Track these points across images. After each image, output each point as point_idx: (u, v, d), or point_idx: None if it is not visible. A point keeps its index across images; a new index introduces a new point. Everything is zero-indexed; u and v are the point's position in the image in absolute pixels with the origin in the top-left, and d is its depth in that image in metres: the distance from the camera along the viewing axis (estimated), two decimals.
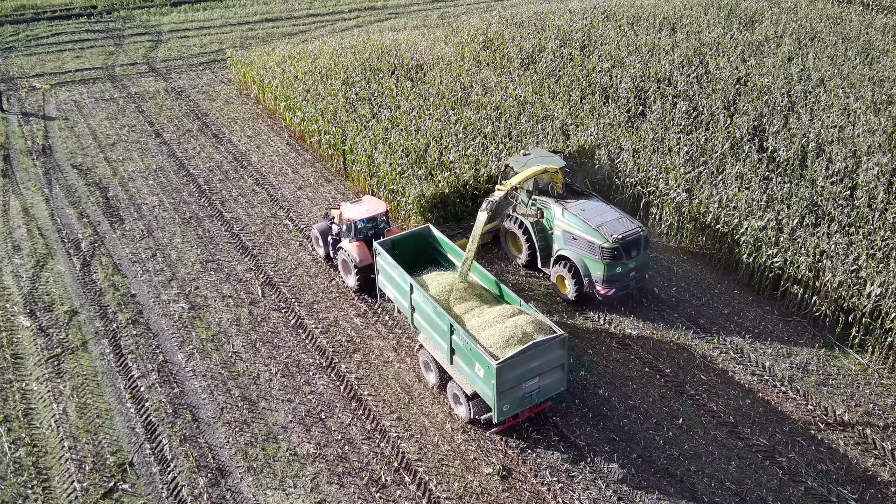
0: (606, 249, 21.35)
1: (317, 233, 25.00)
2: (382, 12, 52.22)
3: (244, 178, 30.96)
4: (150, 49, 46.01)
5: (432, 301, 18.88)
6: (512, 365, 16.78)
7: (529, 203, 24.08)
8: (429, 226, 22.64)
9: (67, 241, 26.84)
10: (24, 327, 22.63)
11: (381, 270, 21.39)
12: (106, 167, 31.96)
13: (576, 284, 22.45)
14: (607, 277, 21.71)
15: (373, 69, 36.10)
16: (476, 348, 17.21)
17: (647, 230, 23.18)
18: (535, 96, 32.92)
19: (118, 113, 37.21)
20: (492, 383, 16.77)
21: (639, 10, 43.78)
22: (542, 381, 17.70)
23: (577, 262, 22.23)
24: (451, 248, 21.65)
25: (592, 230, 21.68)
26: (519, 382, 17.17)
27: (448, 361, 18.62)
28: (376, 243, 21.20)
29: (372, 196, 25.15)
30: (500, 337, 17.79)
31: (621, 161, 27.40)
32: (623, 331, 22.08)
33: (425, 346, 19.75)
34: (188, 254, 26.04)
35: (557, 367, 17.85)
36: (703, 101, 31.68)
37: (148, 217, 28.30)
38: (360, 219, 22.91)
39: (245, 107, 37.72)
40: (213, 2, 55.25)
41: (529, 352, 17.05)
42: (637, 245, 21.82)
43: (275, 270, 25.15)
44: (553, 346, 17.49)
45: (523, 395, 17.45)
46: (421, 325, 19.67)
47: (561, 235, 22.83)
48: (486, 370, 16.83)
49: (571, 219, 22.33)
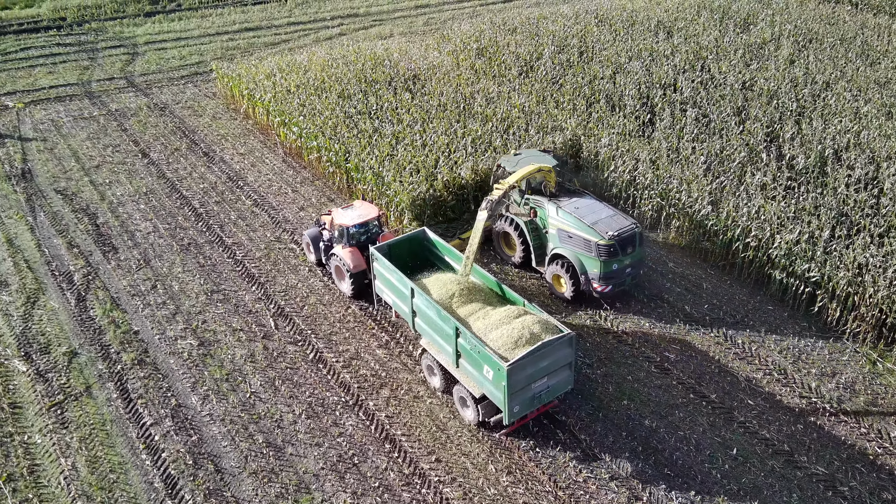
0: (603, 246, 21.38)
1: (308, 239, 24.54)
2: (366, 19, 50.87)
3: (242, 200, 29.44)
4: (127, 62, 44.06)
5: (435, 305, 18.68)
6: (522, 366, 16.74)
7: (522, 202, 23.95)
8: (424, 229, 22.30)
9: (58, 275, 25.12)
10: (20, 372, 20.94)
11: (378, 275, 21.13)
12: (92, 191, 30.18)
13: (572, 283, 22.50)
14: (604, 274, 21.80)
15: (368, 80, 34.80)
16: (485, 350, 17.10)
17: (641, 226, 23.37)
18: (540, 106, 31.92)
19: (100, 132, 35.35)
20: (503, 385, 16.69)
21: (631, 13, 43.11)
22: (551, 381, 17.74)
23: (574, 260, 22.26)
24: (448, 250, 21.48)
25: (588, 228, 21.71)
26: (529, 383, 17.18)
27: (454, 365, 18.54)
28: (373, 248, 20.91)
29: (363, 201, 24.54)
30: (509, 338, 17.66)
31: (639, 173, 26.50)
32: (661, 353, 21.17)
33: (428, 350, 19.56)
34: (191, 284, 24.52)
35: (565, 366, 17.90)
36: (711, 107, 31.00)
37: (143, 245, 26.66)
38: (352, 224, 22.60)
39: (234, 122, 36.13)
40: (188, 11, 53.34)
41: (539, 352, 17.03)
42: (632, 241, 21.92)
43: (286, 300, 23.76)
44: (561, 346, 17.51)
45: (533, 396, 17.46)
46: (423, 330, 19.54)
47: (556, 234, 22.80)
48: (497, 372, 16.76)
49: (566, 217, 22.33)
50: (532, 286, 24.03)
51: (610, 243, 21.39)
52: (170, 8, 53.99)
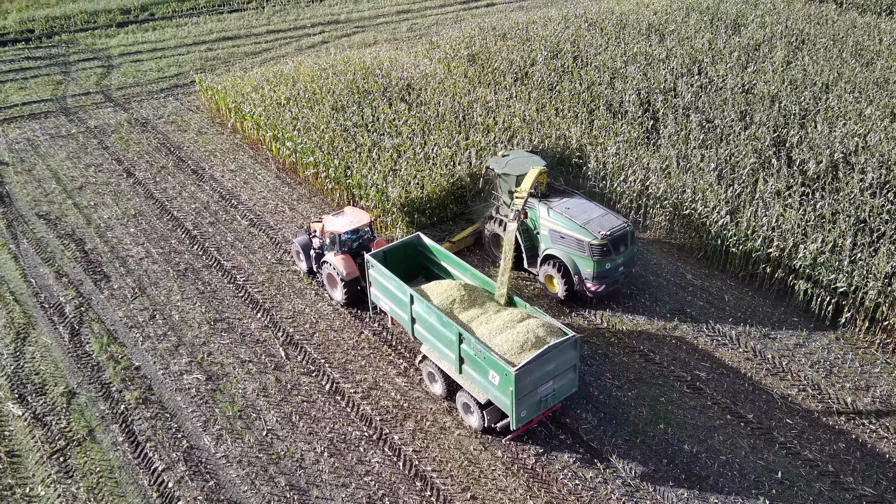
0: (596, 246, 21.39)
1: (298, 247, 24.17)
2: (347, 26, 49.70)
3: (237, 220, 28.18)
4: (102, 76, 42.34)
5: (437, 311, 18.49)
6: (529, 370, 16.62)
7: (512, 203, 23.11)
8: (419, 234, 22.06)
9: (48, 307, 23.67)
10: (15, 417, 19.55)
11: (374, 283, 20.89)
12: (77, 215, 28.66)
13: (565, 283, 22.47)
14: (597, 274, 21.81)
15: (360, 91, 33.72)
16: (491, 356, 16.94)
17: (632, 225, 23.44)
18: (540, 114, 31.15)
19: (80, 151, 33.75)
20: (510, 390, 16.59)
21: (620, 16, 42.60)
22: (556, 384, 17.61)
23: (566, 260, 22.23)
24: (444, 255, 21.30)
25: (580, 228, 21.67)
26: (535, 387, 17.06)
27: (457, 371, 18.36)
28: (368, 255, 20.69)
29: (354, 207, 24.16)
30: (514, 343, 17.51)
31: (651, 183, 25.85)
32: (692, 372, 20.49)
33: (429, 356, 19.29)
34: (192, 313, 23.25)
35: (570, 369, 17.81)
36: (714, 112, 30.52)
37: (137, 272, 25.30)
38: (344, 231, 22.26)
39: (221, 137, 34.77)
40: (161, 21, 51.63)
41: (545, 355, 16.89)
42: (624, 240, 21.98)
43: (294, 326, 22.63)
44: (566, 348, 17.41)
45: (539, 400, 17.34)
46: (423, 336, 19.36)
47: (548, 235, 22.73)
48: (504, 377, 16.66)
49: (558, 218, 22.28)
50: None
51: (603, 243, 21.38)
52: (142, 18, 52.22)
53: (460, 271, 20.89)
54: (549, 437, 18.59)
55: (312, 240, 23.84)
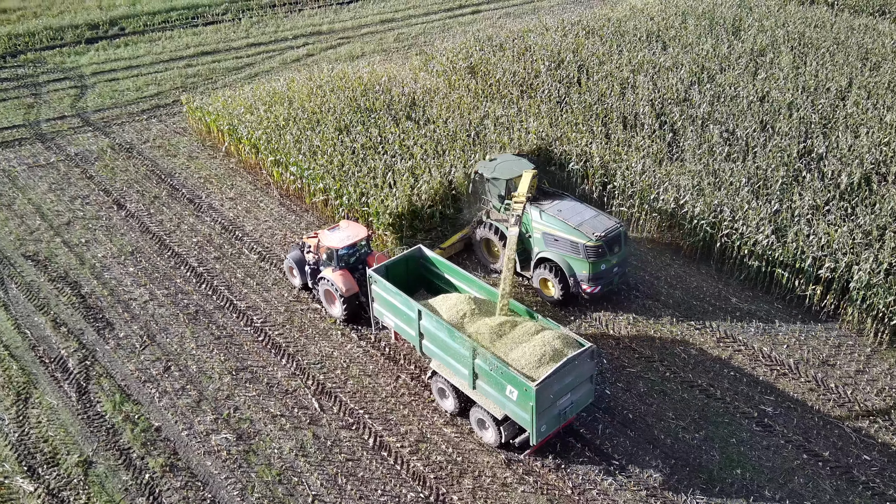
0: (591, 248, 21.38)
1: (291, 263, 23.63)
2: (331, 37, 47.84)
3: (245, 254, 26.31)
4: (77, 97, 39.83)
5: (448, 326, 18.11)
6: (549, 384, 16.33)
7: (502, 208, 23.72)
8: (420, 247, 21.73)
9: (49, 362, 21.57)
10: (27, 494, 17.52)
11: (377, 298, 20.48)
12: (68, 255, 26.47)
13: (561, 285, 22.41)
14: (593, 275, 21.79)
15: (362, 109, 32.04)
16: (509, 371, 16.63)
17: (625, 225, 23.68)
18: (554, 129, 29.88)
19: (62, 181, 31.42)
20: (530, 405, 16.29)
21: (617, 23, 41.62)
22: (574, 396, 17.38)
23: (561, 262, 22.19)
24: (447, 267, 20.96)
25: (574, 230, 21.68)
26: (555, 400, 16.78)
27: (470, 386, 18.01)
28: (370, 271, 20.26)
29: (349, 221, 23.46)
30: (532, 356, 17.17)
31: (686, 202, 24.75)
32: (757, 408, 19.38)
33: (440, 372, 18.90)
34: (210, 362, 21.40)
35: (587, 380, 17.63)
36: (734, 122, 29.63)
37: (142, 317, 23.31)
38: (342, 246, 21.75)
39: (215, 161, 32.75)
40: (132, 36, 49.07)
41: (564, 368, 16.62)
42: (618, 241, 22.02)
43: (324, 373, 20.94)
44: (584, 360, 17.21)
45: (558, 413, 17.10)
46: (433, 352, 18.97)
47: (541, 238, 22.66)
48: (523, 393, 16.35)
49: (550, 220, 22.25)
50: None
51: (598, 244, 21.36)
52: (112, 33, 49.57)
53: (466, 283, 20.55)
54: (620, 488, 17.28)
55: (306, 255, 23.17)
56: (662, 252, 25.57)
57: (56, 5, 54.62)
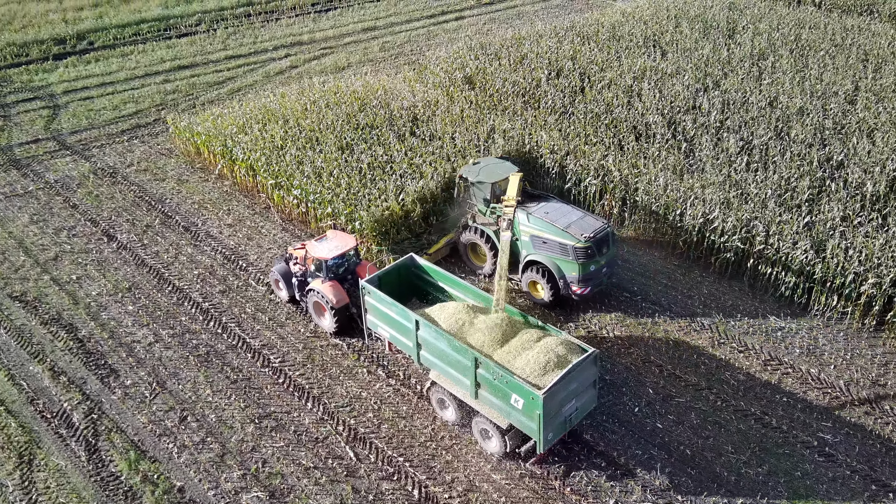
0: (580, 249, 21.37)
1: (277, 275, 23.13)
2: (313, 47, 46.17)
3: (252, 286, 24.72)
4: (50, 118, 37.58)
5: (448, 336, 17.89)
6: (556, 391, 16.19)
7: (488, 211, 23.60)
8: (412, 255, 21.51)
9: (51, 417, 19.78)
10: None
11: (371, 309, 20.16)
12: (59, 294, 24.56)
13: (551, 287, 22.38)
14: (583, 277, 21.76)
15: (362, 125, 30.62)
16: (514, 379, 16.45)
17: (613, 225, 24.14)
18: (567, 142, 28.84)
19: (44, 212, 29.36)
20: (537, 414, 16.08)
21: (611, 29, 40.81)
22: (578, 402, 17.25)
23: (550, 265, 22.14)
24: (440, 274, 20.74)
25: (562, 232, 21.64)
26: (561, 407, 16.63)
27: (473, 396, 17.75)
28: (363, 282, 19.93)
29: (336, 230, 23.04)
30: (536, 364, 17.04)
31: (716, 217, 23.89)
32: (816, 435, 18.55)
33: (439, 382, 18.63)
34: (229, 410, 19.83)
35: (590, 386, 17.53)
36: (748, 130, 28.95)
37: (149, 361, 21.61)
38: (331, 257, 21.38)
39: (207, 185, 30.97)
40: (103, 50, 46.72)
41: (570, 374, 16.51)
42: (607, 241, 22.05)
43: (355, 417, 19.53)
44: (588, 365, 17.11)
45: (564, 420, 16.92)
46: (431, 363, 18.64)
47: (529, 241, 22.56)
48: (530, 401, 16.16)
49: (538, 223, 22.18)
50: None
51: (587, 245, 21.34)
52: (81, 48, 47.16)
53: (460, 290, 20.30)
54: None
55: (292, 266, 22.72)
56: (691, 269, 24.69)
57: (17, 19, 51.87)
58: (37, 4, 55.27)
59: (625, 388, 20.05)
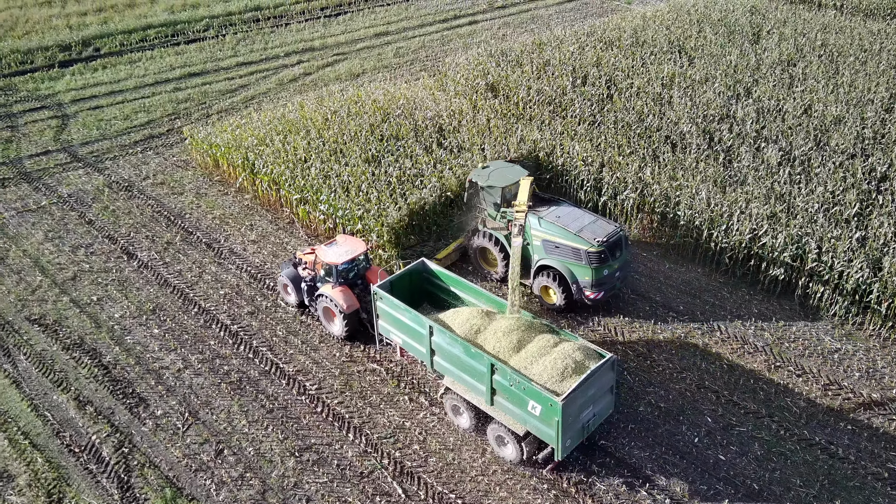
0: (594, 254, 21.14)
1: (285, 280, 22.92)
2: (325, 53, 45.19)
3: (281, 307, 23.75)
4: (59, 129, 36.51)
5: (463, 342, 17.70)
6: (574, 398, 16.06)
7: (499, 216, 23.46)
8: (423, 260, 21.32)
9: (79, 450, 18.78)
10: None
11: (382, 315, 20.00)
12: (80, 316, 23.55)
13: (563, 292, 22.14)
14: (596, 281, 21.54)
15: (385, 136, 29.67)
16: (532, 386, 16.33)
17: (625, 229, 23.71)
18: (599, 152, 27.98)
19: (59, 228, 28.31)
20: (555, 420, 15.95)
21: (633, 34, 39.95)
22: (596, 408, 17.13)
23: (563, 269, 21.87)
24: (452, 279, 20.57)
25: (574, 236, 21.45)
26: (579, 414, 16.51)
27: (488, 402, 17.62)
28: (375, 287, 19.77)
29: (346, 235, 22.77)
30: (554, 370, 16.88)
31: (765, 234, 23.05)
32: (886, 466, 17.70)
33: (453, 388, 18.39)
34: (267, 442, 18.87)
35: (608, 391, 17.39)
36: (784, 140, 28.14)
37: (179, 389, 20.62)
38: (341, 262, 21.15)
39: (227, 199, 29.97)
40: (110, 57, 45.62)
41: (588, 380, 16.35)
42: (620, 245, 21.86)
43: (400, 449, 18.60)
44: (605, 371, 16.94)
45: (581, 426, 16.83)
46: (445, 369, 18.53)
47: (541, 245, 22.32)
48: (548, 408, 16.02)
49: (549, 227, 22.00)
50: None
51: (600, 250, 21.12)
52: (87, 54, 46.06)
53: (473, 295, 20.12)
54: None
55: (301, 271, 22.52)
56: (737, 287, 23.84)
57: (20, 25, 50.75)
58: (39, 9, 54.21)
59: (682, 416, 19.17)
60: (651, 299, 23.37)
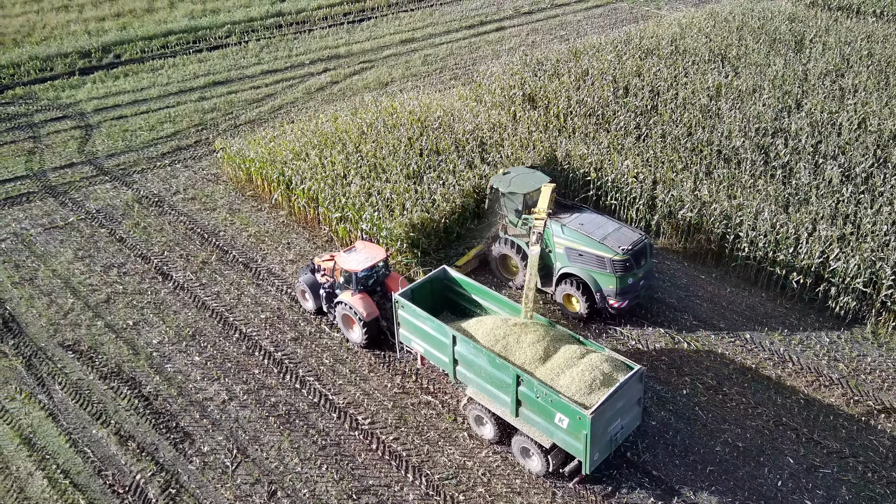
0: (618, 262, 20.81)
1: (304, 286, 22.69)
2: (351, 61, 44.13)
3: (326, 333, 22.69)
4: (83, 140, 35.51)
5: (488, 352, 17.50)
6: (603, 411, 15.82)
7: (520, 223, 23.14)
8: (444, 267, 21.09)
9: (122, 490, 17.73)
10: None
11: (404, 323, 19.83)
12: (116, 342, 22.52)
13: (586, 300, 21.76)
14: (620, 290, 21.19)
15: (426, 150, 28.61)
16: (560, 398, 16.06)
17: (650, 237, 23.41)
18: (648, 167, 26.88)
19: (89, 246, 27.29)
20: (584, 434, 15.73)
21: (671, 42, 38.82)
22: (623, 421, 16.86)
23: (586, 277, 21.53)
24: (474, 287, 20.28)
25: (598, 244, 21.11)
26: (607, 427, 16.24)
27: (513, 414, 17.37)
28: (396, 295, 19.58)
29: (365, 241, 22.58)
30: (582, 382, 16.64)
31: (835, 258, 21.93)
32: None
33: (476, 399, 18.15)
34: (322, 483, 17.79)
35: (635, 403, 17.15)
36: (843, 156, 27.02)
37: (225, 423, 19.57)
38: (361, 269, 20.90)
39: (261, 215, 28.92)
40: (132, 65, 44.63)
41: (617, 393, 16.13)
42: (644, 253, 21.51)
43: (464, 493, 17.50)
44: (634, 383, 16.71)
45: (609, 439, 16.56)
46: (469, 379, 18.32)
47: (564, 253, 21.97)
48: (576, 421, 15.77)
49: (573, 235, 21.65)
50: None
51: (625, 258, 20.78)
52: (107, 61, 45.07)
53: (495, 304, 19.79)
54: None
55: (319, 277, 22.39)
56: (806, 314, 22.71)
57: (38, 31, 49.81)
58: (56, 14, 53.26)
59: (762, 456, 18.06)
60: (716, 326, 22.27)
